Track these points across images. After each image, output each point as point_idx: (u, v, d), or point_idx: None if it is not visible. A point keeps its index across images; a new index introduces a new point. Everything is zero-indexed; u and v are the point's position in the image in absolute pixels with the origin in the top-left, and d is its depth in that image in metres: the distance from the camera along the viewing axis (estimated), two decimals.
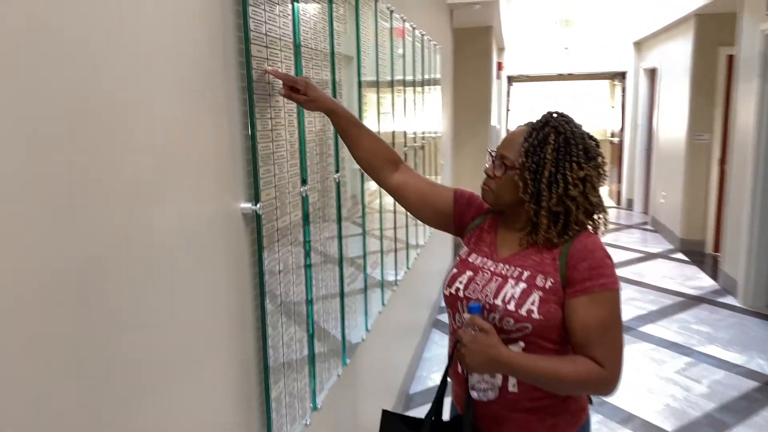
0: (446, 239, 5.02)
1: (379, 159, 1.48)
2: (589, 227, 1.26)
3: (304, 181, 1.53)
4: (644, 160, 8.34)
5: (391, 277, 2.71)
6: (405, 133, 2.91)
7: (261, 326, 1.30)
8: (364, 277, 2.17)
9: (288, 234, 1.43)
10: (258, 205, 1.25)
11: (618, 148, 9.37)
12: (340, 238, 1.85)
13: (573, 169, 1.20)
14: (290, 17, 1.43)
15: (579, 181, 1.20)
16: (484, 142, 6.27)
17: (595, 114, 11.02)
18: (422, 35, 3.39)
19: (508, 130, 10.00)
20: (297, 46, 1.47)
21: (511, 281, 1.24)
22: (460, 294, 1.31)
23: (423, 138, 3.47)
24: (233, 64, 1.19)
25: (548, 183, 1.20)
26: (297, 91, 1.33)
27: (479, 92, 6.27)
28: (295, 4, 1.45)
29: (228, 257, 1.19)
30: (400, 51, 2.78)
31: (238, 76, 1.21)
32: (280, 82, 1.33)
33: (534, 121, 1.28)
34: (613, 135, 9.85)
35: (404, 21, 2.83)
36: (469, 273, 1.33)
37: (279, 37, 1.36)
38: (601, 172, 1.25)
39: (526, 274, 1.23)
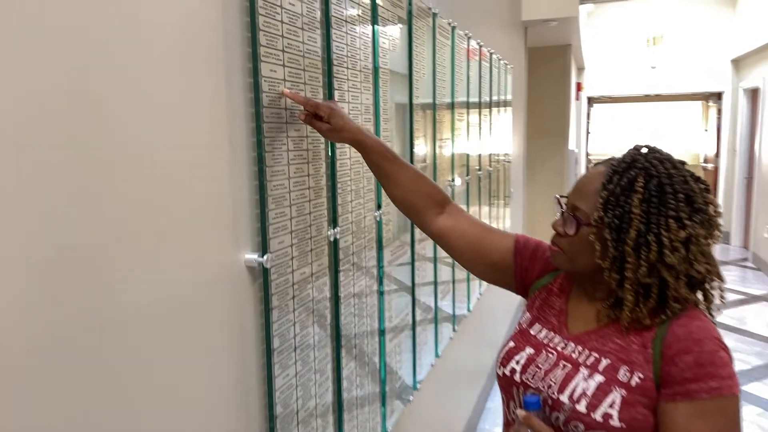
0: None
1: (420, 199, 1.21)
2: (699, 301, 0.93)
3: (333, 223, 1.30)
4: (743, 189, 7.57)
5: (448, 319, 2.41)
6: (468, 157, 2.62)
7: (268, 404, 1.06)
8: (411, 326, 1.89)
9: (308, 288, 1.19)
10: (265, 257, 1.02)
11: (712, 176, 8.60)
12: (381, 285, 1.59)
13: (670, 227, 0.88)
14: (319, 31, 1.21)
15: (680, 243, 0.88)
16: (561, 168, 5.88)
17: (685, 138, 10.20)
18: (491, 54, 3.12)
19: (587, 155, 9.43)
20: (328, 64, 1.25)
21: (583, 371, 0.93)
22: (516, 378, 1.01)
23: (490, 165, 3.17)
24: (239, 85, 0.98)
25: (635, 246, 0.89)
26: (320, 118, 1.11)
27: (556, 115, 5.93)
28: (328, 16, 1.23)
29: (228, 322, 0.97)
30: (464, 71, 2.51)
31: (246, 100, 1.00)
32: (301, 107, 1.11)
33: (616, 159, 0.97)
34: (706, 161, 9.08)
35: (469, 38, 2.57)
36: (529, 350, 1.03)
37: (302, 54, 1.14)
38: (713, 227, 0.91)
39: (604, 362, 0.92)
